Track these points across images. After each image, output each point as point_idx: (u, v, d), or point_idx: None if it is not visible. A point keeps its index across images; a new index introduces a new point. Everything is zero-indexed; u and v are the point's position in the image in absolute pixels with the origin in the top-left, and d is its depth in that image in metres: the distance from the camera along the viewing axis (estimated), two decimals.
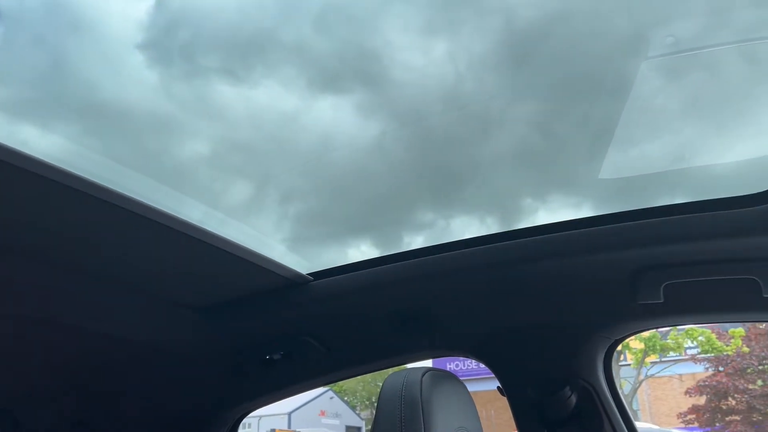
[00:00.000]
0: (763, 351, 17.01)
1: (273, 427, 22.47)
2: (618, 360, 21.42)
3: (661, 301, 1.53)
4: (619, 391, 1.80)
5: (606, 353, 1.78)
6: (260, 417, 23.23)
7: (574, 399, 1.70)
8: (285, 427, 24.06)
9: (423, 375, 1.40)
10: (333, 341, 1.93)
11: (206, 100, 1.93)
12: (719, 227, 1.40)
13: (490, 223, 1.88)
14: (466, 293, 1.73)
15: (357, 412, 28.49)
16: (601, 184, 1.87)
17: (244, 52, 1.81)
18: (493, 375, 1.87)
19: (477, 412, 1.58)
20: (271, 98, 1.91)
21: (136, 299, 1.70)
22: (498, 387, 1.85)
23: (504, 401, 1.83)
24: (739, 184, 1.44)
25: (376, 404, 1.49)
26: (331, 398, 26.70)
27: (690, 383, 18.49)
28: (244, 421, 2.30)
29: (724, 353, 17.68)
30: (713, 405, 17.41)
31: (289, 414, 24.73)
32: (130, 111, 1.85)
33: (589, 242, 1.52)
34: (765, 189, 1.36)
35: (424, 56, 1.72)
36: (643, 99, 1.64)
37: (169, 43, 1.84)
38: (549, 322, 1.76)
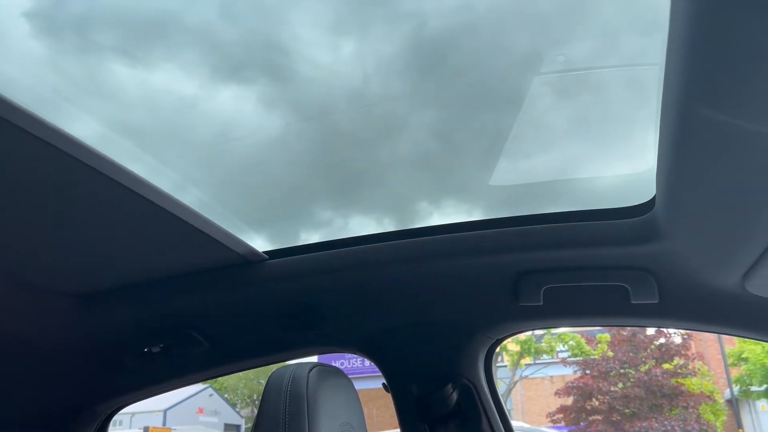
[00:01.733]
0: (625, 356, 18.33)
1: (147, 425, 21.56)
2: (496, 361, 22.32)
3: (541, 303, 1.61)
4: (498, 390, 1.88)
5: (487, 352, 1.86)
6: (133, 414, 22.23)
7: (455, 396, 1.77)
8: (160, 425, 23.14)
9: (310, 370, 1.40)
10: (217, 335, 1.88)
11: (98, 79, 1.82)
12: (595, 236, 1.50)
13: (387, 224, 1.91)
14: (356, 290, 1.74)
15: (237, 410, 27.88)
16: (493, 191, 1.94)
17: (144, 33, 1.73)
18: (375, 373, 1.91)
19: (362, 409, 1.60)
20: (170, 83, 1.83)
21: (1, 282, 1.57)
22: (383, 384, 1.88)
23: (386, 399, 1.87)
24: (616, 198, 1.55)
25: (257, 402, 1.47)
26: (211, 395, 25.98)
27: (560, 385, 19.60)
28: (115, 418, 2.19)
29: (592, 357, 18.90)
30: (579, 405, 18.55)
31: (165, 411, 23.81)
32: (11, 83, 1.72)
33: (475, 245, 1.59)
34: (636, 203, 1.47)
35: (332, 54, 1.71)
36: (535, 113, 1.72)
37: (60, 15, 1.72)
38: (435, 321, 1.81)
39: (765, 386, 19.32)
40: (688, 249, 1.39)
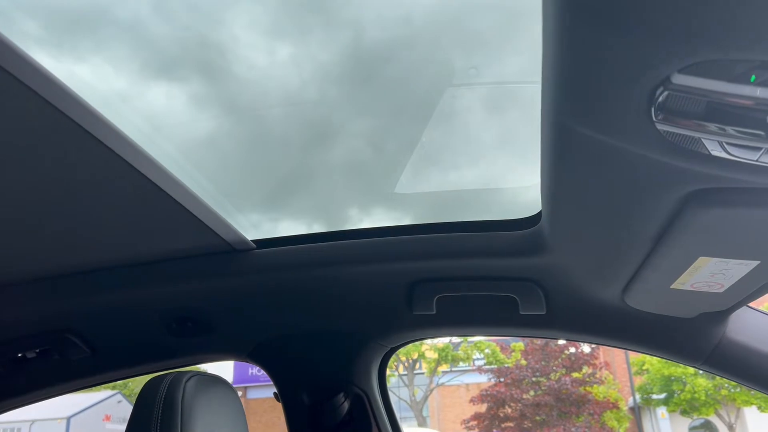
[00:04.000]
0: (537, 364, 18.94)
1: None
2: (414, 368, 22.59)
3: (434, 312, 1.63)
4: (390, 399, 1.89)
5: (381, 361, 1.86)
6: (33, 421, 21.04)
7: (346, 405, 1.76)
8: None
9: (188, 379, 1.35)
10: (99, 339, 1.78)
11: None
12: (486, 248, 1.52)
13: (317, 229, 1.91)
14: (246, 296, 1.69)
15: None
16: (421, 199, 1.98)
17: (71, 24, 1.67)
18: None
19: (245, 421, 1.54)
20: (97, 76, 1.77)
21: None
22: (274, 393, 1.85)
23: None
24: (512, 210, 1.58)
25: None
26: (119, 402, 24.95)
27: (475, 392, 20.04)
28: (12, 425, 2.05)
29: (506, 365, 19.43)
30: (492, 412, 19.01)
31: (68, 418, 22.65)
32: None
33: (371, 253, 1.58)
34: (526, 216, 1.50)
35: (268, 57, 1.71)
36: (464, 126, 1.77)
37: None
38: (328, 329, 1.79)
39: (664, 394, 20.44)
40: (571, 263, 1.42)
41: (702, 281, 1.18)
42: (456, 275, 1.59)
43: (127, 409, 25.34)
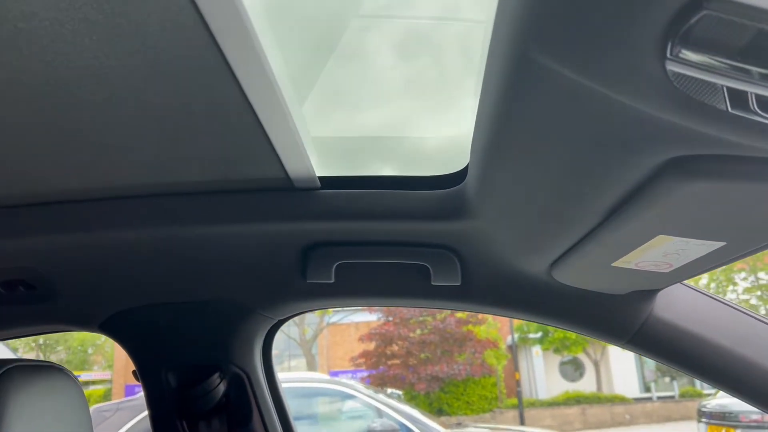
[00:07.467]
0: None
1: None
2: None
3: (332, 281, 1.41)
4: (276, 378, 1.69)
5: (266, 335, 1.65)
6: None
7: (222, 388, 1.55)
8: None
9: (6, 369, 1.10)
10: None
11: None
12: (397, 208, 1.30)
13: None
14: (98, 256, 1.40)
15: (19, 354, 25.69)
16: (322, 144, 1.92)
17: None
18: None
19: (89, 417, 1.28)
20: None
21: None
22: (133, 371, 1.62)
23: None
24: (430, 166, 1.35)
25: (44, 347, 1.23)
26: None
27: (364, 331, 20.61)
28: None
29: None
30: (380, 350, 19.70)
31: None
32: None
33: (256, 208, 1.30)
34: (447, 173, 1.30)
35: None
36: (374, 70, 1.72)
37: None
38: (203, 298, 1.53)
39: (540, 334, 21.99)
40: (497, 230, 1.24)
41: (650, 260, 1.03)
42: (360, 239, 1.38)
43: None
